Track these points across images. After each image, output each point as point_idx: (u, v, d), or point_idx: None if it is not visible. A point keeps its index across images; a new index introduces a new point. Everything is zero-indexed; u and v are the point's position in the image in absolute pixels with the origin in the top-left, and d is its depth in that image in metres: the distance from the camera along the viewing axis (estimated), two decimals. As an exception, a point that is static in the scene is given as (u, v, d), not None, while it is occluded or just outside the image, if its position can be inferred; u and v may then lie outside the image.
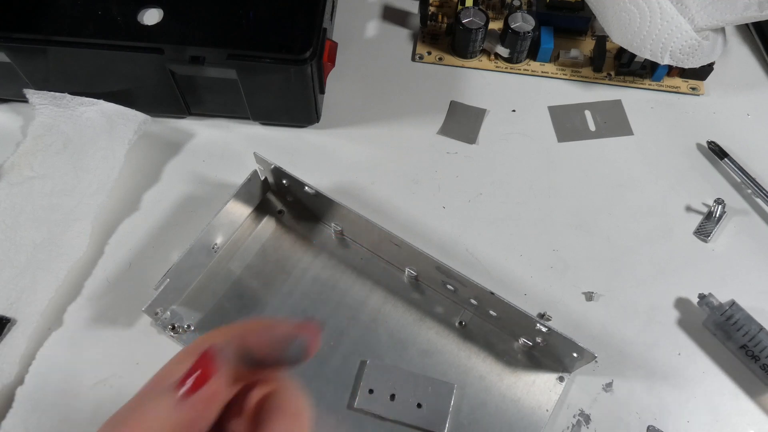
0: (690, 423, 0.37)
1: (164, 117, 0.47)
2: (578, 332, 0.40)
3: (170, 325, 0.38)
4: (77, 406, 0.37)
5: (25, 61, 0.41)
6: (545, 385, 0.38)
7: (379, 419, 0.37)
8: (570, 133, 0.48)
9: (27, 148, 0.42)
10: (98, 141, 0.42)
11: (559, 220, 0.44)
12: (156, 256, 0.42)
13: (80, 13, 0.40)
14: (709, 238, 0.43)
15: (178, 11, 0.40)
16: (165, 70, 0.41)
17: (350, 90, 0.49)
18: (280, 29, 0.40)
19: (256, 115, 0.46)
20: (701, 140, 0.47)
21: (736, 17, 0.43)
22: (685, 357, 0.39)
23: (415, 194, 0.45)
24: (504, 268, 0.42)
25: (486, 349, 0.39)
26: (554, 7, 0.49)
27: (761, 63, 0.52)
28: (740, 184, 0.45)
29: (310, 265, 0.41)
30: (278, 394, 0.24)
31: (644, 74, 0.50)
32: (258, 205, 0.43)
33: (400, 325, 0.40)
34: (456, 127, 0.48)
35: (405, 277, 0.41)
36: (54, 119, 0.43)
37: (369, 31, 0.53)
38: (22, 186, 0.40)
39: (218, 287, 0.40)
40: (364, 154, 0.46)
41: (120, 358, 0.38)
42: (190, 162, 0.45)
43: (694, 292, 0.40)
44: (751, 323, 0.38)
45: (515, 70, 0.50)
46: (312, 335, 0.22)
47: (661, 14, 0.44)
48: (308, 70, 0.41)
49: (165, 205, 0.44)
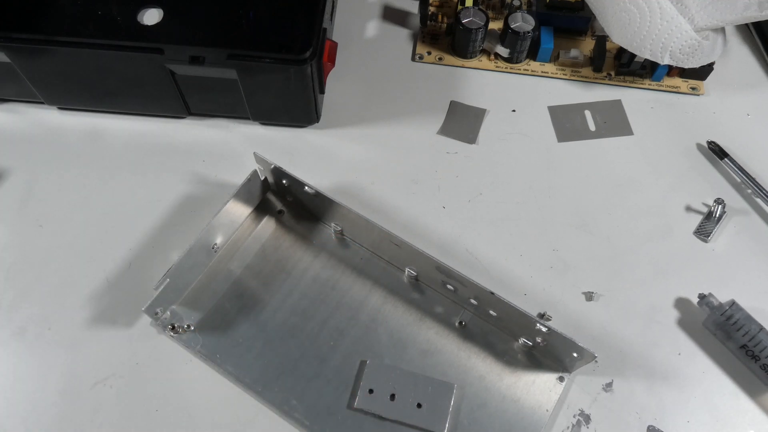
0: (690, 423, 0.37)
1: (164, 117, 0.47)
2: (578, 332, 0.40)
3: (170, 325, 0.38)
4: (77, 406, 0.37)
5: (25, 61, 0.41)
6: (545, 385, 0.38)
7: (379, 419, 0.37)
8: (570, 133, 0.48)
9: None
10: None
11: (559, 220, 0.44)
12: (156, 256, 0.42)
13: (80, 13, 0.40)
14: (709, 238, 0.43)
15: (178, 11, 0.40)
16: (165, 70, 0.41)
17: (350, 90, 0.49)
18: (280, 29, 0.40)
19: (256, 115, 0.46)
20: (701, 140, 0.47)
21: (736, 17, 0.43)
22: (685, 357, 0.39)
23: (415, 194, 0.45)
24: (504, 268, 0.42)
25: (486, 349, 0.39)
26: (554, 7, 0.49)
27: (761, 63, 0.52)
28: (740, 184, 0.45)
29: (309, 265, 0.41)
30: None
31: (644, 74, 0.50)
32: (258, 205, 0.43)
33: (400, 325, 0.40)
34: (456, 127, 0.48)
35: (405, 277, 0.41)
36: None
37: (369, 31, 0.53)
38: None
39: (218, 287, 0.40)
40: (364, 154, 0.46)
41: (120, 358, 0.38)
42: (190, 162, 0.45)
43: (694, 292, 0.40)
44: (751, 323, 0.38)
45: (515, 70, 0.50)
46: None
47: (661, 14, 0.44)
48: (308, 70, 0.41)
49: (165, 205, 0.44)
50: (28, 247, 0.42)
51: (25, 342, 0.39)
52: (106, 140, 0.46)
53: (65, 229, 0.43)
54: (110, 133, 0.47)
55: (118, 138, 0.46)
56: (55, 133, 0.46)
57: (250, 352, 0.38)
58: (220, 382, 0.38)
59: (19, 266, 0.41)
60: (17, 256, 0.42)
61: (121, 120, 0.47)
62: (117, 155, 0.46)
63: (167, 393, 0.37)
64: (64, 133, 0.46)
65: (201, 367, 0.38)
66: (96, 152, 0.46)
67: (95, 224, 0.43)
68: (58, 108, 0.47)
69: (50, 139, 0.46)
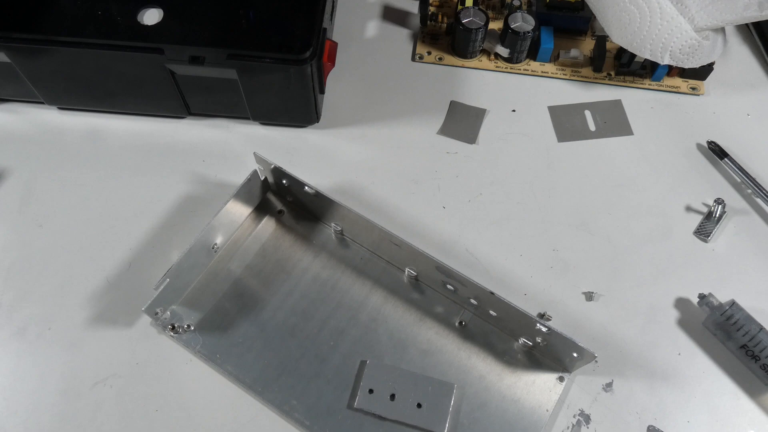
0: (690, 423, 0.37)
1: (164, 117, 0.47)
2: (578, 332, 0.40)
3: (170, 325, 0.38)
4: (77, 406, 0.37)
5: (25, 61, 0.41)
6: (545, 385, 0.38)
7: (379, 419, 0.37)
8: (570, 133, 0.48)
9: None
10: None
11: (559, 220, 0.44)
12: (156, 256, 0.42)
13: (80, 13, 0.40)
14: (709, 238, 0.43)
15: (178, 11, 0.40)
16: (165, 70, 0.41)
17: (350, 90, 0.49)
18: (280, 29, 0.40)
19: (256, 115, 0.46)
20: (701, 140, 0.47)
21: (736, 17, 0.43)
22: (685, 357, 0.39)
23: (415, 194, 0.45)
24: (504, 268, 0.42)
25: (486, 349, 0.39)
26: (554, 7, 0.49)
27: (761, 63, 0.52)
28: (740, 184, 0.45)
29: (309, 265, 0.41)
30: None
31: (644, 74, 0.50)
32: (258, 205, 0.43)
33: (400, 325, 0.40)
34: (456, 127, 0.48)
35: (405, 277, 0.41)
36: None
37: (369, 31, 0.53)
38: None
39: (218, 287, 0.40)
40: (364, 154, 0.46)
41: (120, 358, 0.38)
42: (190, 162, 0.45)
43: (694, 292, 0.40)
44: (751, 323, 0.38)
45: (515, 70, 0.50)
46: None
47: (661, 14, 0.44)
48: (308, 70, 0.41)
49: (165, 205, 0.44)
50: (28, 247, 0.42)
51: (25, 342, 0.39)
52: (106, 140, 0.46)
53: (65, 229, 0.43)
54: (110, 133, 0.47)
55: (118, 138, 0.46)
56: (55, 133, 0.46)
57: (250, 352, 0.38)
58: (220, 382, 0.38)
59: (19, 266, 0.41)
60: (17, 256, 0.42)
61: (121, 120, 0.47)
62: (117, 155, 0.46)
63: (167, 393, 0.37)
64: (64, 133, 0.47)
65: (201, 367, 0.38)
66: (96, 152, 0.46)
67: (95, 224, 0.43)
68: (58, 108, 0.47)
69: (50, 139, 0.46)
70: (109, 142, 0.46)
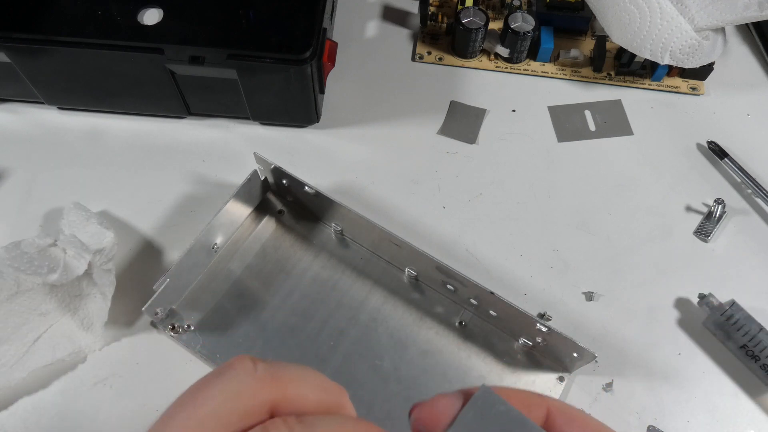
0: (690, 423, 0.37)
1: (164, 117, 0.47)
2: (578, 332, 0.40)
3: (170, 325, 0.38)
4: (77, 406, 0.37)
5: (25, 61, 0.41)
6: (545, 385, 0.38)
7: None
8: (570, 133, 0.48)
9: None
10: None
11: (559, 220, 0.44)
12: (156, 256, 0.42)
13: (80, 13, 0.40)
14: (709, 238, 0.43)
15: (178, 11, 0.40)
16: (165, 70, 0.41)
17: (350, 90, 0.49)
18: (280, 29, 0.40)
19: (256, 115, 0.46)
20: (701, 140, 0.47)
21: (736, 17, 0.43)
22: (685, 357, 0.39)
23: (415, 194, 0.45)
24: (504, 268, 0.42)
25: (486, 349, 0.39)
26: (554, 7, 0.49)
27: (761, 63, 0.52)
28: (740, 184, 0.45)
29: (309, 265, 0.41)
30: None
31: (644, 74, 0.50)
32: (258, 205, 0.43)
33: (400, 325, 0.40)
34: (456, 127, 0.48)
35: (405, 277, 0.41)
36: None
37: (369, 31, 0.53)
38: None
39: (218, 287, 0.40)
40: (364, 154, 0.46)
41: (120, 358, 0.38)
42: (190, 162, 0.45)
43: (694, 292, 0.40)
44: (751, 323, 0.38)
45: (515, 70, 0.50)
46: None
47: (661, 14, 0.44)
48: (308, 70, 0.40)
49: (165, 205, 0.44)
50: (28, 247, 0.42)
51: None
52: (106, 140, 0.46)
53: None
54: (110, 133, 0.47)
55: (118, 138, 0.46)
56: (55, 133, 0.46)
57: (250, 352, 0.38)
58: (220, 382, 0.38)
59: (19, 266, 0.41)
60: (17, 256, 0.42)
61: (121, 120, 0.47)
62: (117, 155, 0.46)
63: (167, 393, 0.37)
64: (64, 133, 0.46)
65: (201, 367, 0.38)
66: (96, 152, 0.46)
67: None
68: (58, 108, 0.47)
69: (50, 139, 0.46)
70: (109, 142, 0.46)
